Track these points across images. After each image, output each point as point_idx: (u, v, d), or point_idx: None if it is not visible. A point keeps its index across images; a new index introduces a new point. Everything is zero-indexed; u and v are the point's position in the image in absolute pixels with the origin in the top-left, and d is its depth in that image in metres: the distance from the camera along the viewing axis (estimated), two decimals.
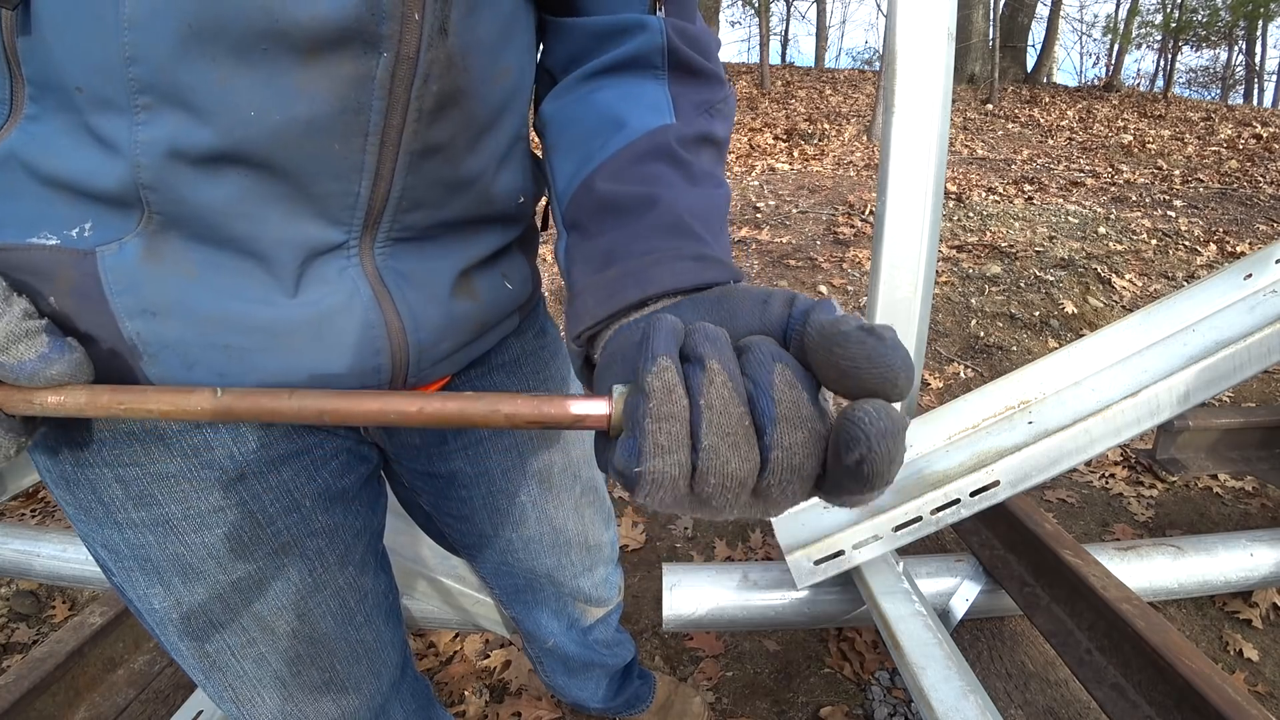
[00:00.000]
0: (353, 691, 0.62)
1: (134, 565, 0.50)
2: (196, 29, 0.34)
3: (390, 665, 0.66)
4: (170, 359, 0.41)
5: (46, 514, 2.26)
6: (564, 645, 0.93)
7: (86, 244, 0.39)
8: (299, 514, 0.53)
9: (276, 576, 0.53)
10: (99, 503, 0.48)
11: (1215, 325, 1.19)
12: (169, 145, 0.37)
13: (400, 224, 0.45)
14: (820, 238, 4.57)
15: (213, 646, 0.53)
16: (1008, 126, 8.67)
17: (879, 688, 1.42)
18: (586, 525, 0.81)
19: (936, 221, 1.15)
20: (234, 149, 0.37)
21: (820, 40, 15.45)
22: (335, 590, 0.57)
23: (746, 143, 7.85)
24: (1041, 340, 3.39)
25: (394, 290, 0.46)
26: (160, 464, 0.47)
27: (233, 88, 0.36)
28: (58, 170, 0.37)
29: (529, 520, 0.73)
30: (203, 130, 0.36)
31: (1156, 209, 4.82)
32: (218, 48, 0.35)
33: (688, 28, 0.48)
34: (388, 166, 0.42)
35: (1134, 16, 13.38)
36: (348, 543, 0.58)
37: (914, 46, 1.05)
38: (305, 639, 0.56)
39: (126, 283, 0.39)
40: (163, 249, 0.40)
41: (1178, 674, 0.94)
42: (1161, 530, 1.98)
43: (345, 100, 0.38)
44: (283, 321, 0.43)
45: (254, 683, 0.56)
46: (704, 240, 0.39)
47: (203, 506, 0.49)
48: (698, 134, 0.46)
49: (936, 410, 1.25)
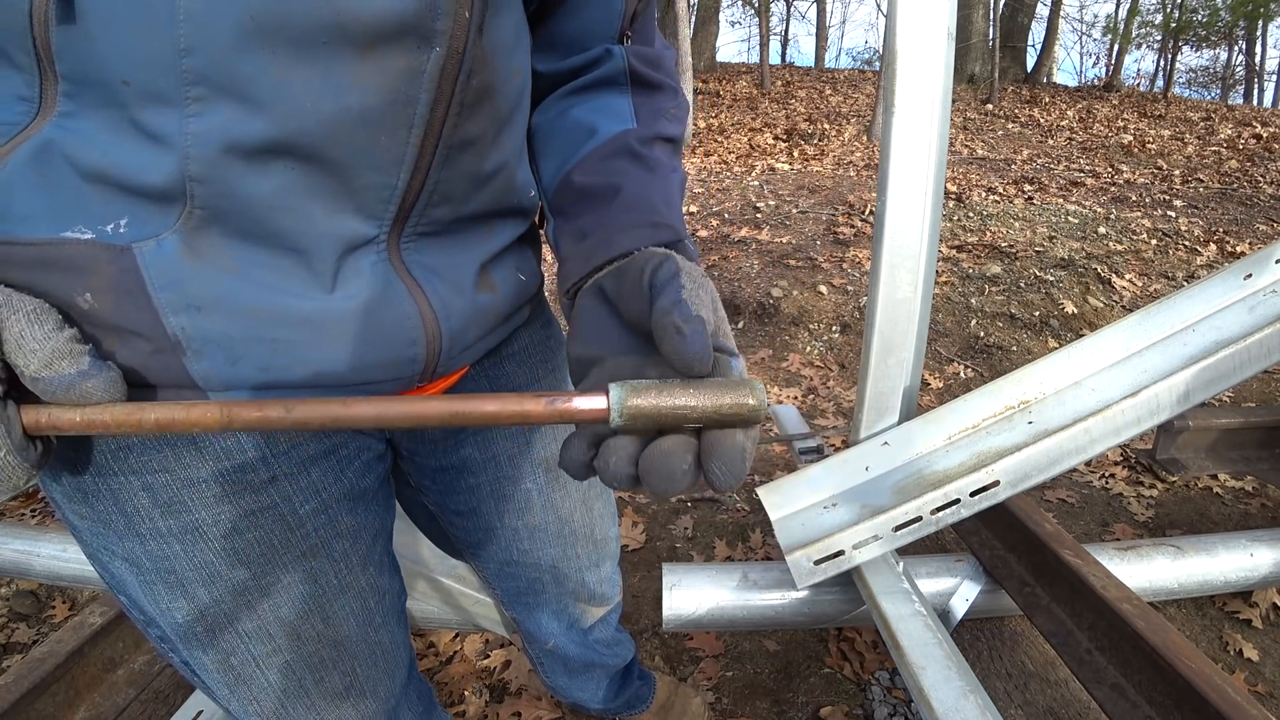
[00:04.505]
0: (370, 695, 0.62)
1: (156, 578, 0.50)
2: (259, 21, 0.35)
3: (401, 666, 0.67)
4: (215, 354, 0.41)
5: (46, 514, 2.26)
6: (565, 646, 0.93)
7: (122, 239, 0.39)
8: (327, 515, 0.54)
9: (305, 580, 0.53)
10: (121, 514, 0.47)
11: (1215, 325, 1.19)
12: (221, 137, 0.37)
13: (427, 219, 0.47)
14: (820, 238, 4.57)
15: (238, 659, 0.53)
16: (1008, 126, 8.67)
17: (879, 688, 1.42)
18: (594, 518, 0.81)
19: (936, 221, 1.15)
20: (286, 140, 0.38)
21: (820, 40, 15.45)
22: (358, 591, 0.58)
23: (746, 143, 7.85)
24: (1041, 340, 3.39)
25: (423, 283, 0.48)
26: (192, 469, 0.47)
27: (289, 79, 0.37)
28: (98, 165, 0.37)
29: (535, 508, 0.74)
30: (256, 122, 0.37)
31: (1156, 209, 4.82)
32: (278, 40, 0.36)
33: (646, 51, 0.58)
34: (425, 159, 0.44)
35: (1134, 16, 13.38)
36: (368, 543, 0.59)
37: (914, 46, 1.05)
38: (330, 643, 0.57)
39: (169, 278, 0.39)
40: (201, 245, 0.40)
41: (1178, 674, 0.94)
42: (1161, 530, 1.98)
43: (396, 92, 0.40)
44: (325, 314, 0.44)
45: (279, 694, 0.56)
46: (657, 210, 0.48)
47: (234, 511, 0.49)
48: (654, 134, 0.55)
49: (936, 410, 1.25)
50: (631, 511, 2.10)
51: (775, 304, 3.79)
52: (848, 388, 3.10)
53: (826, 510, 1.23)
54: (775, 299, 3.81)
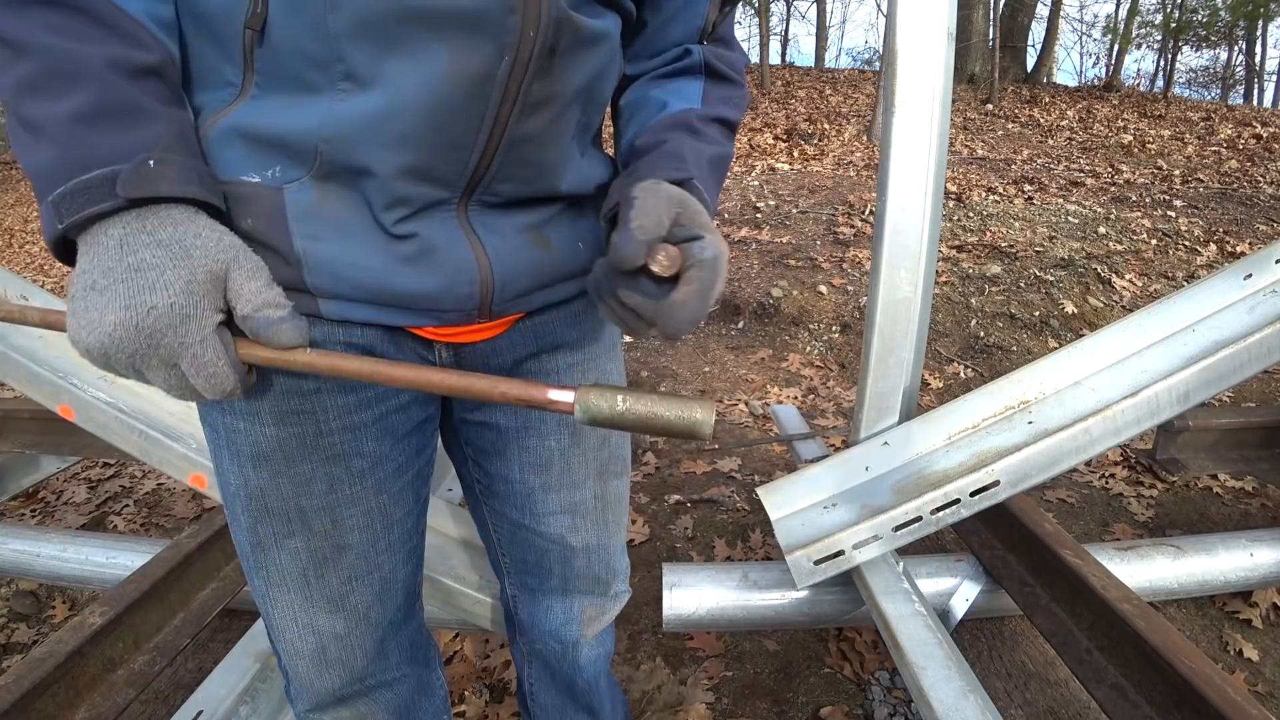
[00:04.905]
0: (361, 615, 0.72)
1: (224, 445, 0.64)
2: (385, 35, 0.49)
3: (395, 601, 0.75)
4: (323, 272, 0.55)
5: (46, 514, 2.26)
6: (553, 649, 0.92)
7: (276, 182, 0.53)
8: (353, 435, 0.65)
9: (323, 480, 0.65)
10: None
11: (1215, 325, 1.19)
12: (351, 116, 0.51)
13: (492, 191, 0.59)
14: (820, 238, 4.57)
15: (263, 528, 0.66)
16: (1008, 126, 8.67)
17: (879, 688, 1.42)
18: (607, 495, 0.84)
19: (936, 221, 1.15)
20: (393, 121, 0.51)
21: (820, 40, 15.45)
22: (367, 510, 0.68)
23: (746, 143, 7.85)
24: (1041, 340, 3.39)
25: (483, 237, 0.60)
26: (267, 374, 0.60)
27: (401, 74, 0.50)
28: (265, 133, 0.52)
29: (554, 467, 0.79)
30: (370, 106, 0.51)
31: (1156, 209, 4.82)
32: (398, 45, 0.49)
33: (723, 52, 0.72)
34: (493, 146, 0.55)
35: (1134, 16, 13.37)
36: (388, 472, 0.69)
37: (914, 46, 1.05)
38: (335, 546, 0.67)
39: (301, 212, 0.54)
40: (327, 191, 0.54)
41: (1178, 674, 0.94)
42: (1161, 530, 1.98)
43: (474, 90, 0.52)
44: (403, 252, 0.57)
45: (283, 573, 0.68)
46: (683, 159, 0.61)
47: (285, 408, 0.62)
48: (714, 115, 0.68)
49: (936, 410, 1.25)
50: (632, 510, 2.10)
51: (775, 304, 3.79)
52: (848, 388, 3.10)
53: (826, 510, 1.23)
54: (775, 299, 3.81)
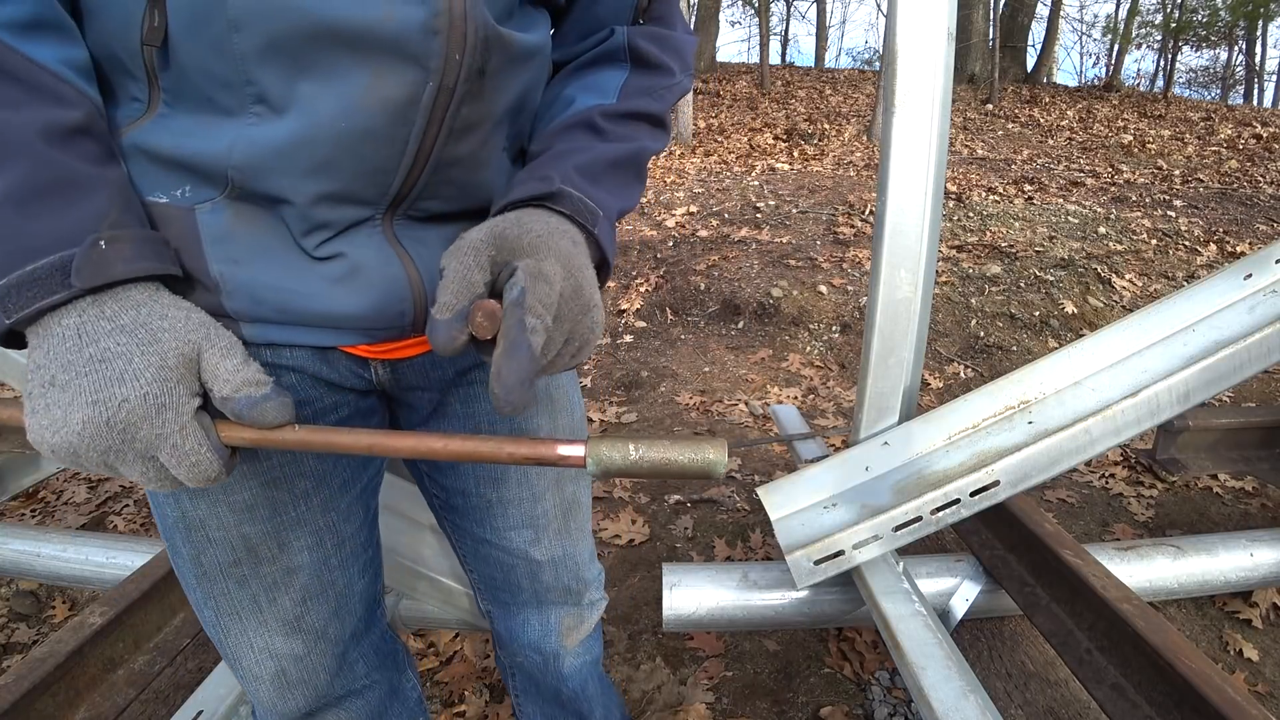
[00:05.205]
0: (319, 634, 0.69)
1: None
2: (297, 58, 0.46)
3: (354, 614, 0.73)
4: (242, 296, 0.52)
5: (46, 514, 2.26)
6: (535, 662, 0.90)
7: (186, 203, 0.50)
8: (293, 456, 0.61)
9: (265, 505, 0.61)
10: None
11: (1215, 325, 1.19)
12: (262, 142, 0.48)
13: (417, 208, 0.57)
14: (820, 238, 4.57)
15: (206, 559, 0.62)
16: (1008, 126, 8.67)
17: (879, 688, 1.42)
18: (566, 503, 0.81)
19: (936, 221, 1.15)
20: (309, 149, 0.48)
21: (820, 40, 15.46)
22: (314, 529, 0.65)
23: (746, 143, 7.85)
24: (1041, 340, 3.39)
25: (411, 250, 0.57)
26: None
27: (317, 99, 0.47)
28: (171, 153, 0.49)
29: (510, 481, 0.76)
30: (284, 133, 0.48)
31: (1156, 209, 4.82)
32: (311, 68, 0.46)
33: (658, 31, 0.64)
34: (417, 170, 0.53)
35: (1134, 16, 13.38)
36: (334, 489, 0.66)
37: (914, 46, 1.05)
38: (284, 569, 0.64)
39: (216, 235, 0.51)
40: (242, 213, 0.51)
41: (1178, 674, 0.94)
42: (1161, 530, 1.98)
43: (397, 116, 0.49)
44: (327, 273, 0.54)
45: (233, 602, 0.64)
46: (548, 171, 0.54)
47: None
48: (629, 110, 0.61)
49: (936, 410, 1.25)
50: (632, 510, 2.10)
51: (775, 304, 3.79)
52: (848, 388, 3.10)
53: (826, 510, 1.23)
54: (775, 299, 3.81)
